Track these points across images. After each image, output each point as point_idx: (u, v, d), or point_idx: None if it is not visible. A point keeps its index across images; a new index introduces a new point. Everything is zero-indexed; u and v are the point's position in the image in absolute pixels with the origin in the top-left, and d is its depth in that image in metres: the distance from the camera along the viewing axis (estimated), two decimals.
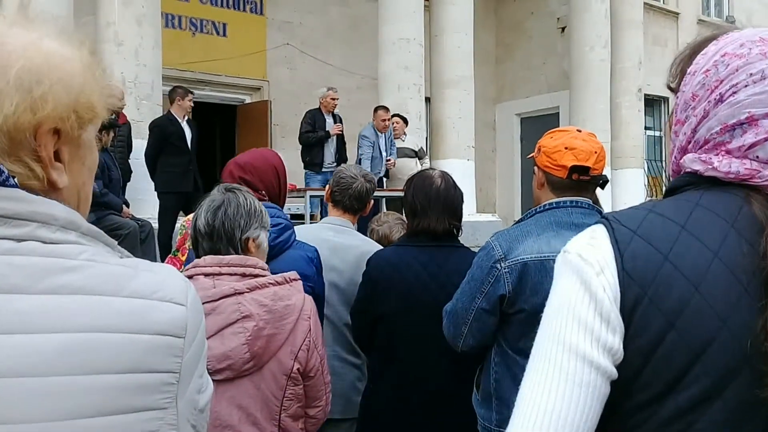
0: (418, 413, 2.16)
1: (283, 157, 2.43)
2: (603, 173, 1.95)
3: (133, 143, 6.41)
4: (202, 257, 1.75)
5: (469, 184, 8.94)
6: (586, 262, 0.80)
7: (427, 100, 9.54)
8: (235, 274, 1.69)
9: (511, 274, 1.82)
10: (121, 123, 6.05)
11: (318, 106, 7.50)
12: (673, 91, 0.91)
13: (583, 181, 1.88)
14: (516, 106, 13.55)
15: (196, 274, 1.68)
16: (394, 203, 6.43)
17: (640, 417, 0.77)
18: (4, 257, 0.68)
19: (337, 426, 2.36)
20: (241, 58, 10.07)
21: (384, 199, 6.92)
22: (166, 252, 5.59)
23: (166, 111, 6.55)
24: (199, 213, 1.78)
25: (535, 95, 13.11)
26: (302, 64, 10.68)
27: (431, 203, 2.21)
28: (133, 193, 6.31)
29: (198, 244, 1.78)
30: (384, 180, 7.86)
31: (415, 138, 8.30)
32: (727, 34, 0.86)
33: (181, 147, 6.28)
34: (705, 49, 0.86)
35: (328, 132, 7.35)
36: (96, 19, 6.78)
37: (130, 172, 6.32)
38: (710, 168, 0.82)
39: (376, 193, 2.86)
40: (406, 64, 8.63)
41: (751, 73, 0.80)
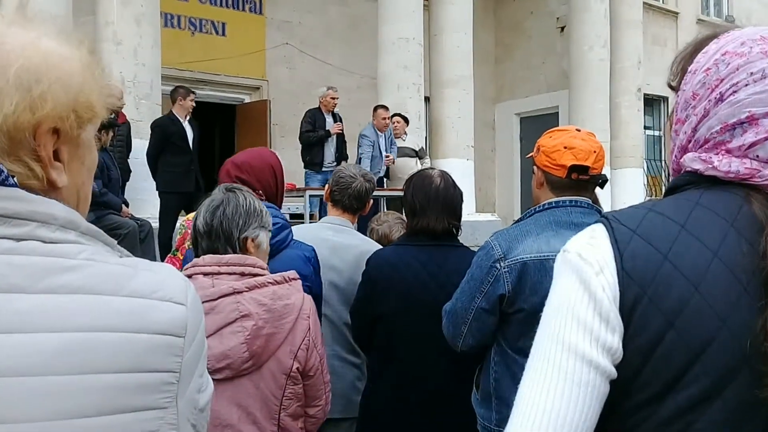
0: (418, 413, 2.16)
1: (283, 157, 2.43)
2: (602, 172, 1.95)
3: (133, 143, 6.41)
4: (201, 257, 1.75)
5: (469, 183, 8.94)
6: (586, 262, 0.80)
7: (427, 99, 9.55)
8: (234, 274, 1.69)
9: (511, 273, 1.82)
10: (120, 122, 6.04)
11: (318, 106, 7.50)
12: (674, 90, 0.91)
13: (583, 181, 1.88)
14: (515, 106, 13.55)
15: (195, 274, 1.69)
16: (394, 203, 6.43)
17: (639, 416, 0.77)
18: (4, 257, 0.68)
19: (337, 425, 2.36)
20: (240, 57, 10.07)
21: (383, 199, 6.92)
22: (166, 252, 5.59)
23: (168, 111, 6.56)
24: (199, 212, 1.79)
25: (535, 95, 13.11)
26: (301, 64, 10.68)
27: (430, 203, 2.21)
28: (133, 193, 6.31)
29: (197, 244, 1.79)
30: (384, 180, 7.86)
31: (415, 137, 8.30)
32: (728, 33, 0.86)
33: (182, 147, 6.29)
34: (706, 48, 0.86)
35: (329, 131, 7.35)
36: (95, 19, 6.78)
37: (129, 171, 6.32)
38: (710, 167, 0.82)
39: (375, 193, 2.86)
40: (405, 64, 8.63)
41: (752, 72, 0.80)
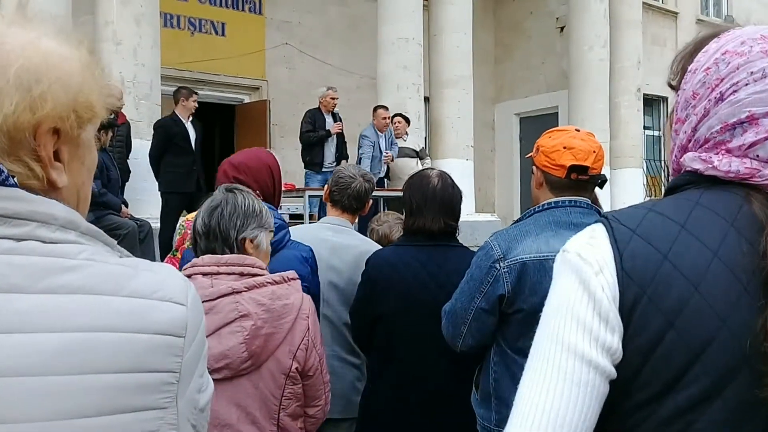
0: (418, 413, 2.16)
1: (282, 157, 2.43)
2: (601, 173, 1.95)
3: (132, 143, 6.42)
4: (200, 257, 1.75)
5: (468, 183, 8.94)
6: (585, 262, 0.80)
7: (426, 99, 9.54)
8: (233, 274, 1.69)
9: (510, 273, 1.82)
10: (120, 123, 6.05)
11: (317, 106, 7.50)
12: (674, 89, 0.91)
13: (582, 181, 1.88)
14: (515, 106, 13.55)
15: (194, 274, 1.69)
16: (394, 203, 6.44)
17: (639, 416, 0.77)
18: (4, 257, 0.68)
19: (337, 426, 2.36)
20: (239, 57, 10.07)
21: (382, 199, 6.93)
22: (167, 251, 5.59)
23: (171, 112, 6.59)
24: (199, 213, 1.79)
25: (534, 95, 13.12)
26: (301, 64, 10.68)
27: (427, 202, 2.21)
28: (132, 193, 6.31)
29: (196, 244, 1.79)
30: (385, 180, 7.86)
31: (415, 137, 8.30)
32: (729, 32, 0.85)
33: (185, 147, 6.33)
34: (706, 47, 0.86)
35: (329, 131, 7.35)
36: (94, 18, 6.78)
37: (129, 172, 6.32)
38: (710, 167, 0.82)
39: (375, 193, 2.86)
40: (405, 64, 8.63)
41: (752, 72, 0.79)
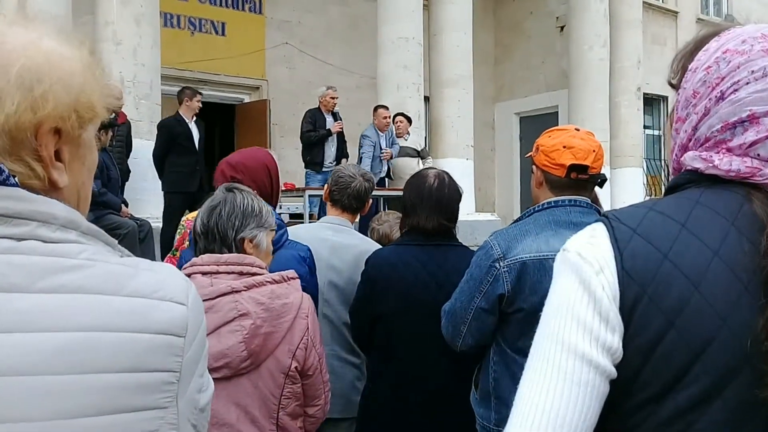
0: (417, 412, 2.16)
1: (282, 157, 2.43)
2: (601, 172, 1.95)
3: (133, 143, 6.42)
4: (200, 256, 1.75)
5: (468, 183, 8.94)
6: (586, 261, 0.79)
7: (426, 99, 9.54)
8: (233, 273, 1.69)
9: (510, 273, 1.82)
10: (120, 122, 6.05)
11: (317, 106, 7.51)
12: (674, 88, 0.91)
13: (582, 180, 1.88)
14: (515, 106, 13.55)
15: (194, 273, 1.69)
16: (394, 203, 6.44)
17: (639, 416, 0.77)
18: (4, 256, 0.68)
19: (336, 425, 2.36)
20: (240, 57, 10.07)
21: (382, 199, 6.93)
22: (169, 251, 5.59)
23: (174, 111, 6.64)
24: (199, 213, 1.80)
25: (534, 94, 13.12)
26: (301, 64, 10.68)
27: (422, 201, 2.22)
28: (132, 193, 6.32)
29: (196, 244, 1.79)
30: (386, 180, 7.86)
31: (415, 137, 8.30)
32: (729, 31, 0.85)
33: (188, 147, 6.38)
34: (707, 46, 0.86)
35: (329, 130, 7.36)
36: (94, 18, 6.78)
37: (129, 171, 6.33)
38: (711, 166, 0.82)
39: (376, 193, 2.86)
40: (405, 64, 8.63)
41: (753, 71, 0.79)
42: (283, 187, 6.96)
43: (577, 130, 1.94)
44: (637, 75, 11.70)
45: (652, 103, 13.73)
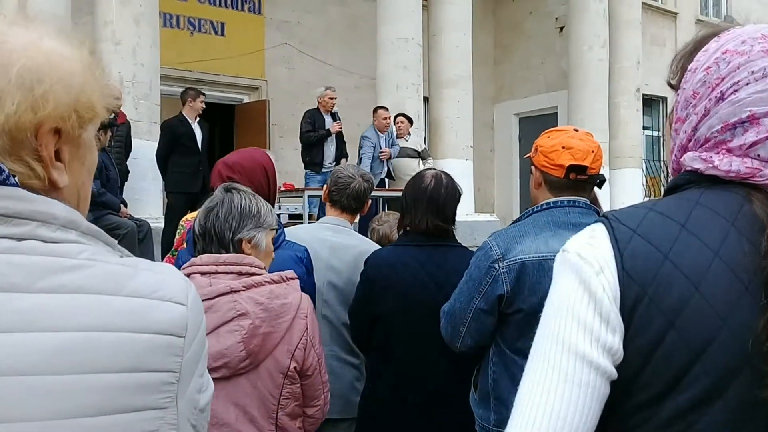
0: (417, 413, 2.16)
1: (282, 157, 2.44)
2: (600, 172, 1.95)
3: (132, 143, 6.42)
4: (199, 256, 1.75)
5: (468, 183, 8.93)
6: (586, 262, 0.79)
7: (426, 99, 9.54)
8: (232, 273, 1.69)
9: (509, 274, 1.82)
10: (120, 122, 6.05)
11: (316, 106, 7.50)
12: (674, 88, 0.91)
13: (581, 181, 1.88)
14: (514, 106, 13.55)
15: (193, 273, 1.69)
16: (394, 203, 6.44)
17: (640, 417, 0.77)
18: (4, 256, 0.68)
19: (336, 426, 2.36)
20: (239, 57, 10.07)
21: (381, 199, 6.93)
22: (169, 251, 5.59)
23: (178, 112, 6.66)
24: (198, 214, 1.80)
25: (534, 95, 13.11)
26: (300, 64, 10.68)
27: (417, 201, 2.23)
28: (132, 193, 6.31)
29: (195, 245, 1.79)
30: (386, 180, 7.86)
31: (416, 137, 8.30)
32: (729, 31, 0.85)
33: (191, 148, 6.42)
34: (706, 46, 0.86)
35: (329, 130, 7.36)
36: (94, 18, 6.77)
37: (128, 172, 6.33)
38: (711, 167, 0.81)
39: (376, 193, 2.86)
40: (404, 64, 8.63)
41: (753, 71, 0.79)
42: (282, 188, 6.98)
43: (576, 130, 1.94)
44: (636, 76, 11.70)
45: (651, 104, 13.73)
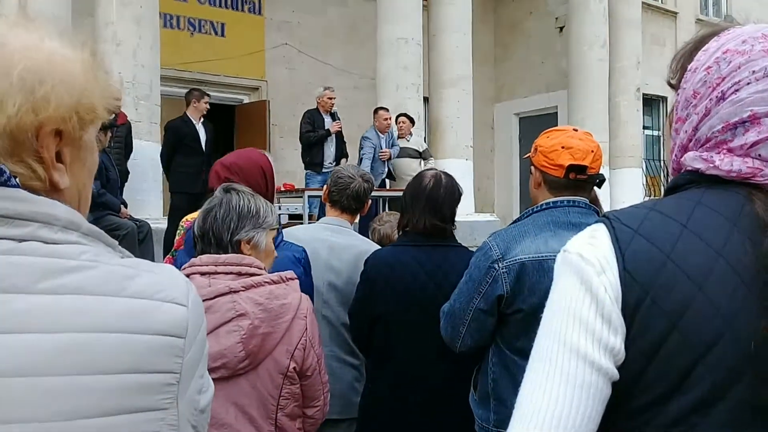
0: (416, 413, 2.16)
1: (282, 157, 2.44)
2: (600, 172, 1.95)
3: (133, 143, 6.43)
4: (198, 256, 1.75)
5: (468, 183, 8.93)
6: (587, 262, 0.79)
7: (426, 99, 9.54)
8: (231, 273, 1.69)
9: (509, 274, 1.81)
10: (120, 123, 6.05)
11: (316, 106, 7.50)
12: (674, 88, 0.90)
13: (580, 180, 1.88)
14: (514, 106, 13.55)
15: (193, 273, 1.69)
16: (395, 203, 6.44)
17: (642, 419, 0.77)
18: (5, 257, 0.68)
19: (336, 426, 2.36)
20: (239, 58, 10.06)
21: (382, 199, 6.92)
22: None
23: (182, 113, 6.70)
24: (198, 215, 1.80)
25: (534, 95, 13.11)
26: (301, 64, 10.67)
27: (415, 201, 2.23)
28: (132, 194, 6.31)
29: (195, 246, 1.79)
30: (387, 181, 7.86)
31: (417, 137, 8.30)
32: (729, 30, 0.85)
33: (195, 148, 6.47)
34: (706, 46, 0.85)
35: (329, 130, 7.36)
36: (94, 19, 6.77)
37: (128, 172, 6.32)
38: (712, 166, 0.81)
39: (376, 193, 2.86)
40: (404, 64, 8.63)
41: (754, 71, 0.79)
42: (282, 188, 6.98)
43: (576, 130, 1.94)
44: (636, 75, 11.69)
45: (651, 103, 13.72)
